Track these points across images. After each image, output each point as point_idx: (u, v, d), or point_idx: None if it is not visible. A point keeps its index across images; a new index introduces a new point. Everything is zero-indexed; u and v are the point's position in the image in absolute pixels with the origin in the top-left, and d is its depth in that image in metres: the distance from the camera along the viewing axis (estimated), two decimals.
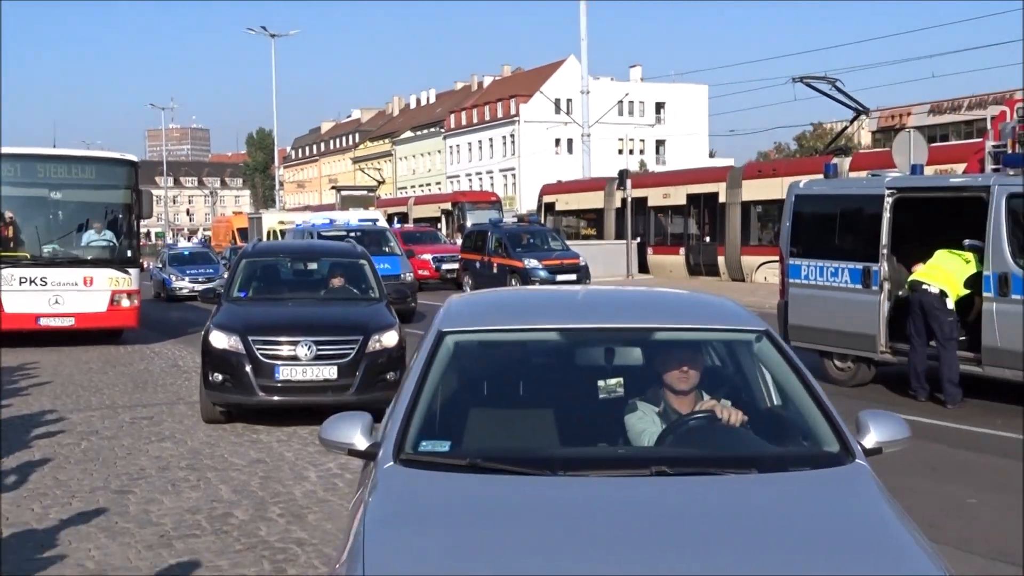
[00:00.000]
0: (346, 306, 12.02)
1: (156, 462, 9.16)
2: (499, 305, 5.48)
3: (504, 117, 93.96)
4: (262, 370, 10.12)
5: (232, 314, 11.12)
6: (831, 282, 13.11)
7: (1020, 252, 11.17)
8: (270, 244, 15.24)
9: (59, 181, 18.27)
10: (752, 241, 33.35)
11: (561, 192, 44.89)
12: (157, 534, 6.95)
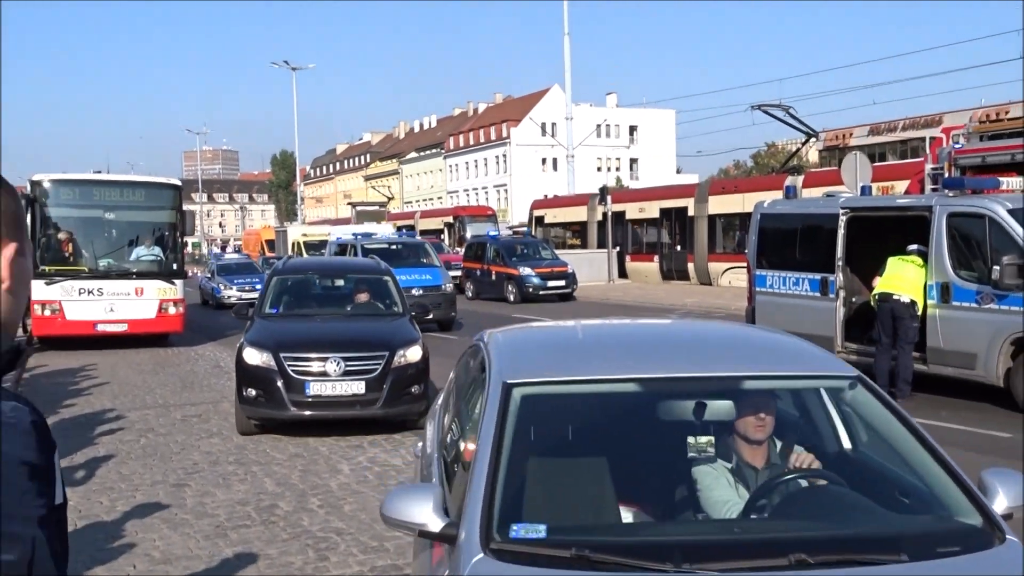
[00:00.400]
0: (372, 322, 11.16)
1: (207, 457, 9.12)
2: (560, 347, 4.45)
3: (497, 139, 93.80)
4: (293, 386, 9.43)
5: (264, 331, 10.36)
6: (793, 290, 13.11)
7: (959, 264, 11.16)
8: (299, 261, 14.25)
9: (113, 203, 18.28)
10: (718, 249, 33.36)
11: (549, 206, 44.92)
12: (213, 525, 6.91)
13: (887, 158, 48.53)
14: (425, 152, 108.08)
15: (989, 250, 10.75)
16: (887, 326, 11.42)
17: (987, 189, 11.46)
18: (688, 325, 5.74)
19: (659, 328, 5.61)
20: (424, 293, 19.98)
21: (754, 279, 13.78)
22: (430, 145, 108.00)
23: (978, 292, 10.85)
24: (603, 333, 5.07)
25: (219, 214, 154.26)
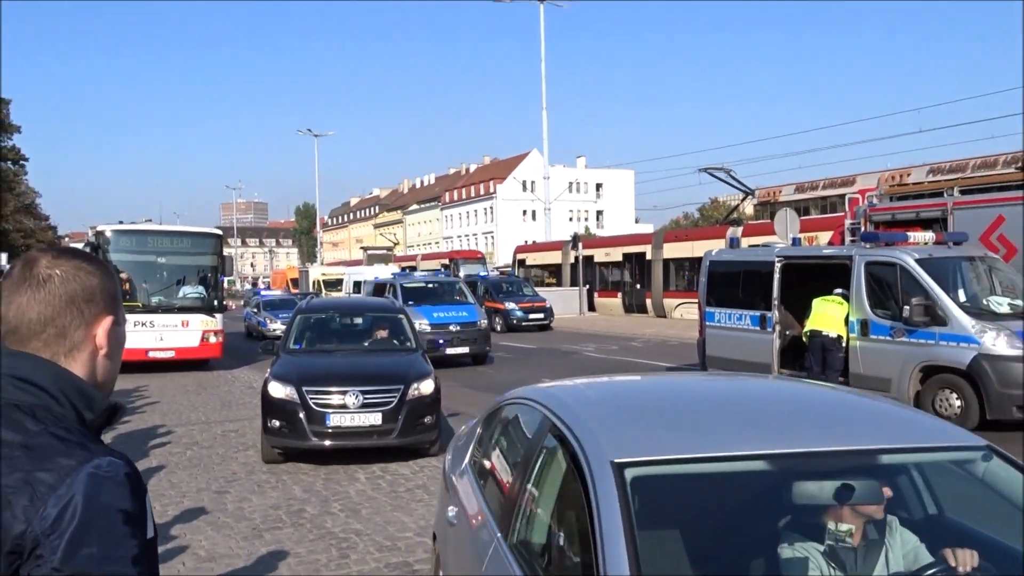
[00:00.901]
0: (387, 356, 10.29)
1: (244, 467, 8.99)
2: (657, 413, 3.16)
3: (486, 194, 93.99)
4: (315, 417, 8.67)
5: (288, 365, 9.51)
6: (737, 324, 13.12)
7: (876, 304, 11.22)
8: (321, 301, 13.54)
9: (164, 249, 18.25)
10: (671, 287, 33.48)
11: (529, 251, 45.05)
12: (250, 527, 6.80)
13: (811, 212, 48.88)
14: (425, 204, 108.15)
15: (900, 292, 10.81)
16: (817, 357, 11.44)
17: (898, 242, 11.51)
18: (777, 387, 4.04)
19: (751, 389, 3.83)
20: (460, 329, 18.44)
21: (704, 315, 13.80)
22: (429, 199, 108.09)
23: (891, 327, 10.90)
24: (687, 393, 3.64)
25: (251, 256, 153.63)
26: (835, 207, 47.37)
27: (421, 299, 19.18)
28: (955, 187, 13.76)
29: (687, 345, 19.00)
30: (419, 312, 17.88)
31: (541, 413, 3.24)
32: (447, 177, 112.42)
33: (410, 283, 20.70)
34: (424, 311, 18.43)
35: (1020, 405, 9.76)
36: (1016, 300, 10.86)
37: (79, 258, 1.56)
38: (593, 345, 23.36)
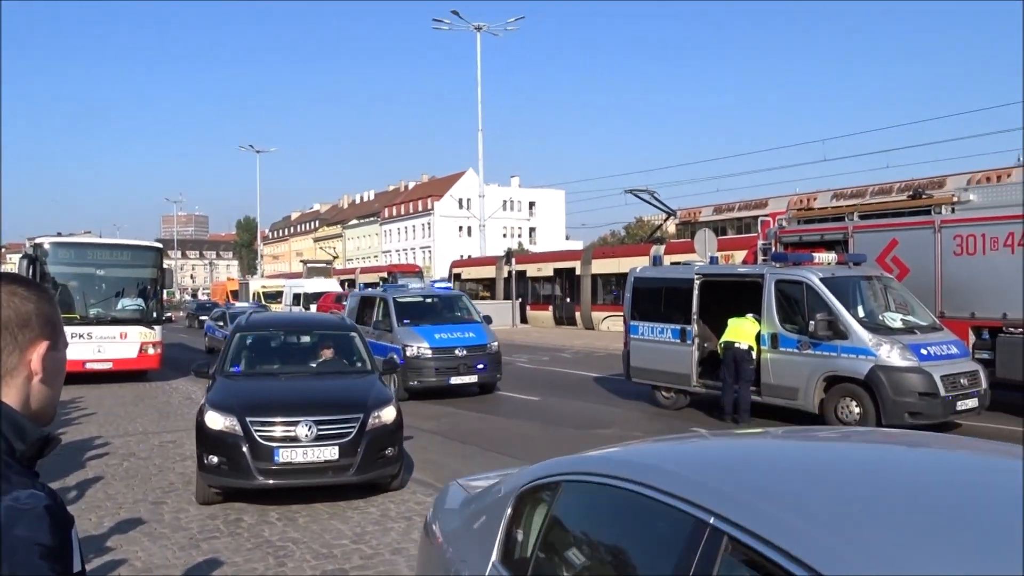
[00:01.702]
0: (340, 380, 8.67)
1: (182, 478, 8.72)
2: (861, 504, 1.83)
3: (423, 211, 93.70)
4: (260, 452, 7.18)
5: (228, 392, 7.96)
6: (659, 337, 13.34)
7: (785, 319, 11.55)
8: (263, 317, 11.07)
9: (103, 262, 17.77)
10: (599, 301, 33.88)
11: (465, 265, 45.05)
12: (187, 537, 6.62)
13: (728, 232, 50.10)
14: (364, 219, 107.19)
15: (806, 308, 11.16)
16: (730, 368, 11.71)
17: (804, 262, 11.89)
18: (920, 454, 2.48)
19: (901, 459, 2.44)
20: (468, 354, 14.98)
21: (629, 328, 13.99)
22: (369, 214, 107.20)
23: (798, 340, 11.24)
24: (836, 466, 2.32)
25: (191, 268, 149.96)
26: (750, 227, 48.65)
27: (419, 317, 15.77)
28: (855, 212, 14.25)
29: (613, 356, 19.24)
30: (417, 333, 14.98)
31: (663, 505, 2.02)
32: (386, 193, 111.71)
33: (405, 297, 16.56)
34: (423, 332, 15.08)
35: (911, 411, 10.17)
36: (908, 316, 11.33)
37: (14, 283, 1.48)
38: (526, 356, 23.45)
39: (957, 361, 10.72)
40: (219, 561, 6.01)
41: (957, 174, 45.70)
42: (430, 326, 15.38)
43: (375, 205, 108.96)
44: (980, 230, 11.91)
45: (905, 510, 1.79)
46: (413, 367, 14.59)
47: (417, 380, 14.61)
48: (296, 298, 37.46)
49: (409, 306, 16.16)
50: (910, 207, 13.40)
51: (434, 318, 15.89)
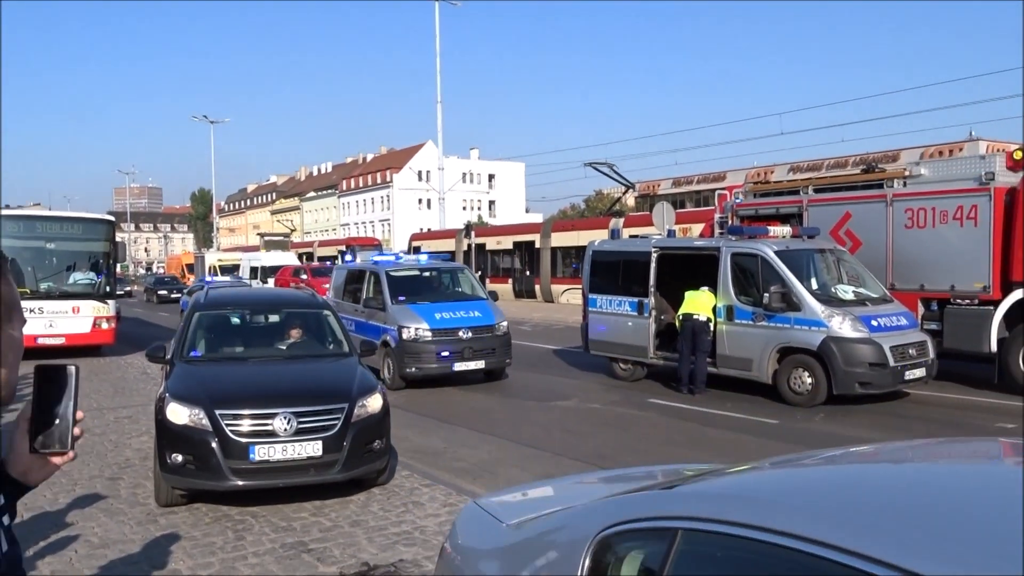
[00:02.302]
0: (317, 365, 7.71)
1: (138, 453, 8.63)
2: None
3: (382, 183, 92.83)
4: (233, 450, 6.29)
5: (191, 380, 6.97)
6: (617, 310, 13.46)
7: (740, 291, 11.74)
8: (226, 293, 9.72)
9: (53, 235, 17.32)
10: (558, 274, 34.02)
11: (424, 239, 44.74)
12: (145, 512, 6.57)
13: (686, 205, 50.52)
14: (322, 192, 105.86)
15: (761, 281, 11.36)
16: (688, 339, 11.88)
17: (760, 235, 12.06)
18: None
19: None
20: (473, 336, 13.10)
21: (587, 301, 14.11)
22: (326, 186, 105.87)
23: (753, 312, 11.44)
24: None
25: (145, 241, 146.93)
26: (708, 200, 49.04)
27: (415, 293, 13.85)
28: (810, 186, 14.46)
29: (572, 329, 19.40)
30: (415, 313, 13.19)
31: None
32: (344, 165, 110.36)
33: (399, 270, 14.48)
34: (422, 311, 13.24)
35: (862, 381, 10.45)
36: (860, 288, 11.59)
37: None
38: None
39: (906, 332, 11.01)
40: (177, 535, 5.99)
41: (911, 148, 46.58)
42: (429, 304, 13.47)
43: (333, 177, 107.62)
44: (930, 204, 12.18)
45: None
46: (411, 351, 12.81)
47: (415, 366, 12.83)
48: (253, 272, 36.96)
49: (404, 281, 14.12)
50: (863, 181, 13.64)
51: (433, 295, 14.06)
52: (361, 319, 14.11)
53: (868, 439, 8.97)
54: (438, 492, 7.01)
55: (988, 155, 12.56)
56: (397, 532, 6.03)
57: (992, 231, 11.46)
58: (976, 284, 11.65)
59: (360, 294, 14.80)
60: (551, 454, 8.69)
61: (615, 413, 10.98)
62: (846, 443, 8.80)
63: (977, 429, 9.39)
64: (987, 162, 11.95)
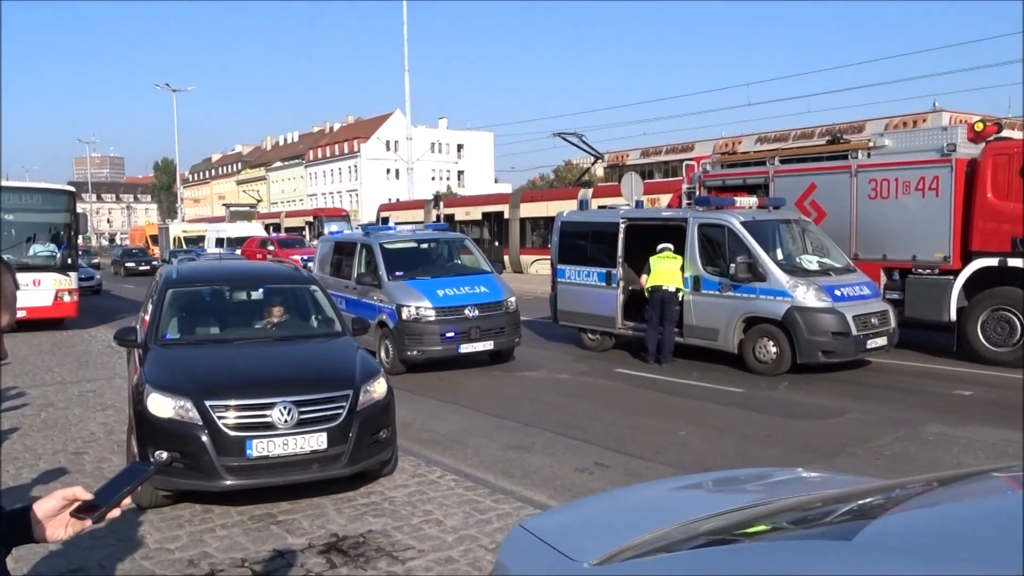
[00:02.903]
0: (311, 346, 6.98)
1: (103, 427, 8.54)
2: None
3: (349, 153, 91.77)
4: (227, 445, 5.62)
5: (171, 366, 6.25)
6: (585, 281, 13.52)
7: (707, 262, 11.85)
8: (197, 268, 8.51)
9: (12, 206, 16.94)
10: (527, 245, 34.06)
11: (393, 209, 44.40)
12: None
13: (655, 175, 50.65)
14: (289, 162, 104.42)
15: (728, 252, 11.47)
16: (657, 310, 11.97)
17: (726, 206, 12.15)
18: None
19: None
20: (480, 315, 11.87)
21: (556, 272, 14.15)
22: (293, 156, 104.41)
23: (720, 283, 11.56)
24: None
25: (107, 212, 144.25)
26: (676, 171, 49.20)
27: (413, 268, 12.64)
28: (776, 156, 14.57)
29: (541, 299, 19.42)
30: (415, 289, 11.99)
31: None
32: (311, 135, 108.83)
33: (394, 242, 13.16)
34: (423, 287, 12.04)
35: (825, 350, 10.64)
36: (824, 259, 11.76)
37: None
38: None
39: (869, 301, 11.20)
40: (144, 509, 5.95)
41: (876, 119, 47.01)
42: (430, 280, 12.29)
43: (299, 147, 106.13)
44: (893, 174, 12.34)
45: None
46: (412, 332, 11.66)
47: (417, 349, 11.67)
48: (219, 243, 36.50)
49: (400, 254, 12.87)
50: (828, 152, 13.76)
51: (433, 269, 12.85)
52: (352, 296, 12.87)
53: (830, 407, 9.17)
54: (407, 463, 7.03)
55: (950, 127, 12.73)
56: (366, 503, 6.06)
57: (953, 202, 11.66)
58: (937, 254, 11.87)
59: (350, 269, 13.41)
60: (519, 423, 8.76)
61: (583, 383, 11.07)
62: (809, 411, 9.00)
63: (935, 396, 9.63)
64: (949, 134, 12.12)
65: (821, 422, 8.54)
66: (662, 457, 7.38)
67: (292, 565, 4.89)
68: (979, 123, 12.05)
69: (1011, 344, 11.17)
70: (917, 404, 9.24)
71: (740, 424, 8.57)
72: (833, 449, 7.47)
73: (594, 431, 8.41)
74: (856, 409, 9.04)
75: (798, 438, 7.93)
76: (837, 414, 8.85)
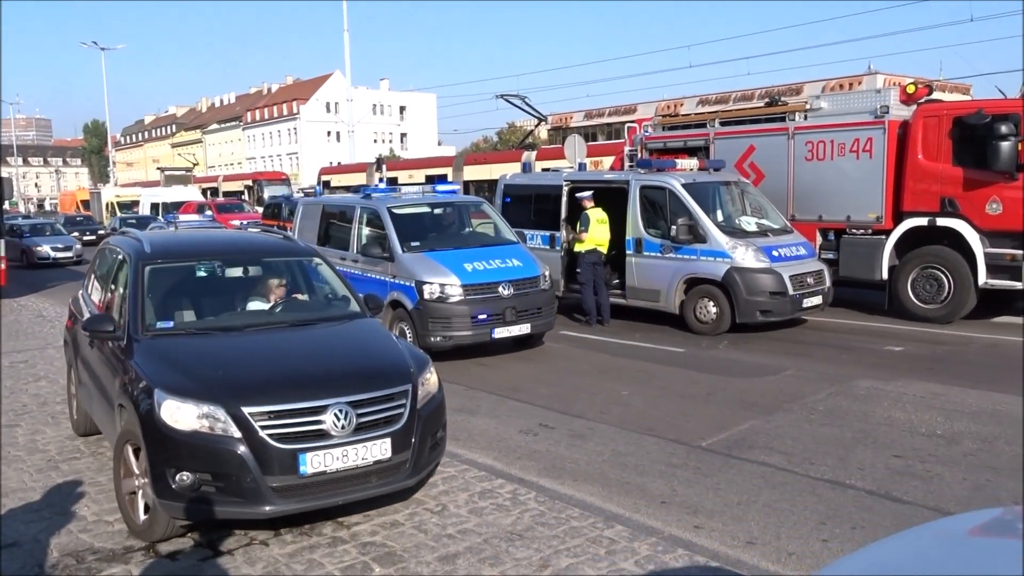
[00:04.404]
0: (337, 331, 5.76)
1: (36, 399, 8.29)
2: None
3: (288, 115, 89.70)
4: (274, 461, 4.46)
5: (179, 362, 4.94)
6: (529, 244, 13.44)
7: (648, 224, 11.96)
8: (173, 239, 6.81)
9: None
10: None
11: (334, 172, 43.75)
12: (45, 459, 6.36)
13: (598, 138, 50.83)
14: (225, 124, 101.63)
15: (669, 214, 11.60)
16: (590, 272, 12.05)
17: (667, 168, 12.25)
18: None
19: None
20: (515, 293, 10.10)
21: None
22: (230, 118, 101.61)
23: (661, 245, 11.70)
24: None
25: (35, 176, 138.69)
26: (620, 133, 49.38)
27: (428, 237, 10.87)
28: (716, 119, 14.71)
29: None
30: (438, 263, 10.15)
31: None
32: (248, 96, 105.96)
33: (403, 206, 11.18)
34: (447, 261, 10.21)
35: (763, 310, 10.88)
36: (762, 220, 11.97)
37: None
38: None
39: (805, 261, 11.47)
40: (80, 481, 5.83)
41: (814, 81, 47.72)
42: (453, 251, 10.47)
43: (236, 109, 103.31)
44: (829, 136, 12.58)
45: None
46: (437, 315, 9.82)
47: (442, 334, 9.84)
48: (154, 208, 35.52)
49: (413, 220, 11.00)
50: (767, 114, 13.95)
51: (452, 239, 11.09)
52: (353, 271, 10.78)
53: (768, 365, 9.41)
54: None
55: (884, 89, 13.00)
56: None
57: (885, 163, 11.95)
58: (870, 215, 12.19)
59: (346, 239, 11.47)
60: (464, 387, 8.79)
61: (527, 346, 11.11)
62: (748, 369, 9.22)
63: (868, 352, 9.95)
64: (882, 96, 12.38)
65: (759, 379, 8.76)
66: (605, 417, 7.49)
67: (236, 533, 4.85)
68: (911, 85, 12.33)
69: (939, 301, 11.58)
70: (850, 360, 9.54)
71: (681, 383, 8.75)
72: (770, 405, 7.68)
73: (538, 393, 8.49)
74: (792, 366, 9.29)
75: (737, 396, 8.13)
76: (774, 371, 9.08)
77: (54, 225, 30.60)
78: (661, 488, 5.72)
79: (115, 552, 4.66)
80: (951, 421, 7.04)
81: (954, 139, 11.39)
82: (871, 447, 6.43)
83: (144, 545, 4.72)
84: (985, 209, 11.08)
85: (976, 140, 11.09)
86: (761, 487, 5.66)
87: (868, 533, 4.84)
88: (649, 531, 4.86)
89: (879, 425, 7.00)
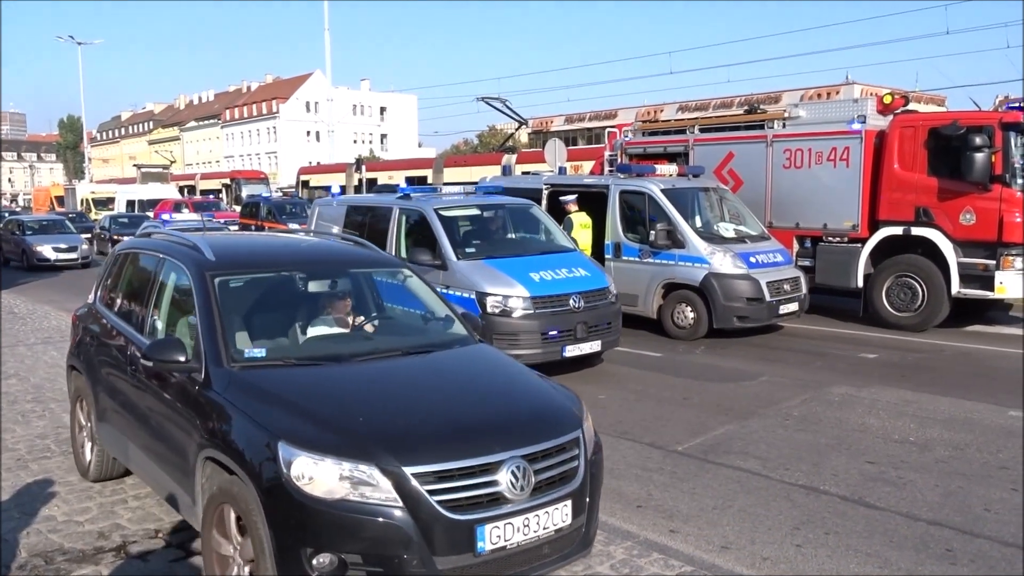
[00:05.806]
0: (460, 359, 4.65)
1: (5, 397, 8.13)
2: None
3: (268, 113, 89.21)
4: (447, 536, 3.38)
5: (301, 404, 3.74)
6: None
7: (627, 229, 12.00)
8: (238, 243, 5.83)
9: None
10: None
11: (313, 172, 43.51)
12: (14, 458, 6.24)
13: (578, 142, 51.03)
14: (204, 122, 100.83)
15: (648, 219, 11.65)
16: None
17: (647, 173, 12.30)
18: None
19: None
20: (586, 306, 9.07)
21: None
22: (208, 116, 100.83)
23: (640, 249, 11.75)
24: None
25: (8, 171, 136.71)
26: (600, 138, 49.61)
27: (483, 244, 9.81)
28: (696, 125, 14.80)
29: None
30: (500, 272, 9.06)
31: None
32: (227, 94, 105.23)
33: (450, 208, 9.98)
34: (509, 269, 9.14)
35: (740, 316, 10.95)
36: (740, 226, 12.06)
37: None
38: None
39: (782, 268, 11.56)
40: (51, 481, 5.74)
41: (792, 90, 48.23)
42: (512, 258, 9.39)
43: (215, 107, 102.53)
44: (806, 144, 12.69)
45: None
46: (503, 331, 8.62)
47: (508, 353, 6.55)
48: (130, 205, 35.12)
49: (461, 224, 9.88)
50: (746, 121, 14.05)
51: (508, 245, 9.98)
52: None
53: (744, 370, 9.46)
54: None
55: (861, 99, 13.16)
56: None
57: (862, 172, 12.08)
58: (846, 222, 12.32)
59: (384, 245, 9.79)
60: None
61: None
62: (724, 374, 9.26)
63: (842, 359, 10.04)
64: (860, 105, 12.53)
65: (735, 384, 8.81)
66: None
67: None
68: (888, 96, 12.49)
69: (913, 309, 11.72)
70: (825, 367, 9.62)
71: (658, 387, 8.78)
72: (746, 411, 7.72)
73: None
74: (768, 372, 9.35)
75: (713, 400, 8.16)
76: (750, 377, 9.14)
77: (63, 222, 26.62)
78: (637, 492, 5.73)
79: (85, 553, 4.60)
80: (923, 428, 7.12)
81: (929, 149, 11.55)
82: (845, 453, 6.49)
83: (115, 546, 4.65)
84: (959, 219, 11.24)
85: (951, 151, 11.25)
86: (736, 492, 5.69)
87: (841, 539, 4.88)
88: (624, 535, 4.86)
89: (853, 431, 7.06)
